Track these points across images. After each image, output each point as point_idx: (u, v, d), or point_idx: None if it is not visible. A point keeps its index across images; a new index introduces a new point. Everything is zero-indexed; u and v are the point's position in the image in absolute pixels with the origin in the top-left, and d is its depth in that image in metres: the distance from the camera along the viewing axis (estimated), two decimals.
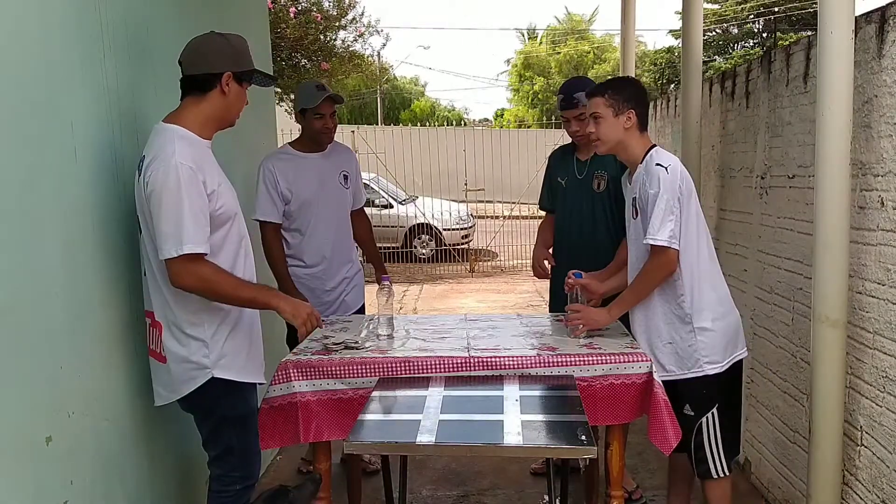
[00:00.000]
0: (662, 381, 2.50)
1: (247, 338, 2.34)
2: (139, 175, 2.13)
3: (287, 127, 9.23)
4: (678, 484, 2.85)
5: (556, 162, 3.46)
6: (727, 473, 2.60)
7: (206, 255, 2.10)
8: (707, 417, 2.56)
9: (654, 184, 2.45)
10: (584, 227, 3.25)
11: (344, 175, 3.50)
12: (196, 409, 2.31)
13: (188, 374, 2.20)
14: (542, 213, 3.58)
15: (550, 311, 3.44)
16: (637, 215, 2.57)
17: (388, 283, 2.86)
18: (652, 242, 2.44)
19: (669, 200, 2.42)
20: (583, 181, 3.26)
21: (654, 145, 2.60)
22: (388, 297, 2.81)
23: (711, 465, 2.58)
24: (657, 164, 2.46)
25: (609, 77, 3.79)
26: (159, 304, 2.19)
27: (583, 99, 3.14)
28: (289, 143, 3.51)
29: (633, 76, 3.28)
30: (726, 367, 2.56)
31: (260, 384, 2.40)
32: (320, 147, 3.44)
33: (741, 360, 2.65)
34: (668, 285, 2.53)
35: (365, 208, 3.74)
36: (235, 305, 2.24)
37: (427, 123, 15.27)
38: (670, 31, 29.17)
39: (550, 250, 3.46)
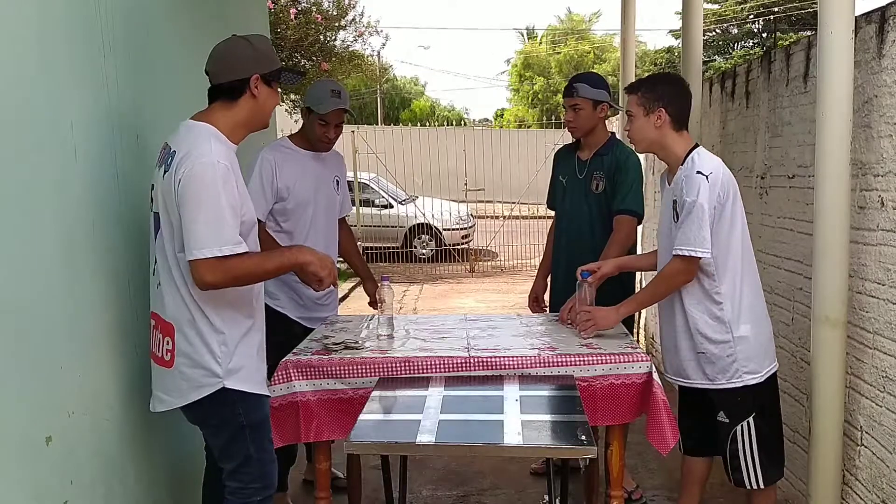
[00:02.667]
0: (694, 388, 2.49)
1: (255, 347, 2.26)
2: (167, 170, 2.06)
3: (287, 127, 9.24)
4: (691, 487, 2.75)
5: (560, 160, 3.47)
6: (761, 486, 2.50)
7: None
8: (742, 426, 2.48)
9: (692, 192, 2.37)
10: (583, 227, 3.26)
11: (336, 180, 3.35)
12: (209, 421, 2.21)
13: (199, 380, 2.11)
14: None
15: (550, 311, 3.44)
16: (678, 219, 2.46)
17: (387, 283, 2.86)
18: (678, 253, 2.40)
19: (705, 210, 2.34)
20: (582, 181, 3.27)
21: (696, 145, 2.52)
22: (389, 297, 2.81)
23: (746, 475, 2.50)
24: (698, 172, 2.38)
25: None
26: (173, 304, 2.10)
27: (581, 90, 3.18)
28: (288, 137, 3.32)
29: (672, 73, 3.20)
30: (765, 377, 2.48)
31: (266, 396, 2.31)
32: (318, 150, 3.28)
33: (776, 373, 2.55)
34: (707, 293, 2.45)
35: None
36: (267, 279, 2.27)
37: (427, 123, 15.22)
38: (670, 31, 29.17)
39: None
